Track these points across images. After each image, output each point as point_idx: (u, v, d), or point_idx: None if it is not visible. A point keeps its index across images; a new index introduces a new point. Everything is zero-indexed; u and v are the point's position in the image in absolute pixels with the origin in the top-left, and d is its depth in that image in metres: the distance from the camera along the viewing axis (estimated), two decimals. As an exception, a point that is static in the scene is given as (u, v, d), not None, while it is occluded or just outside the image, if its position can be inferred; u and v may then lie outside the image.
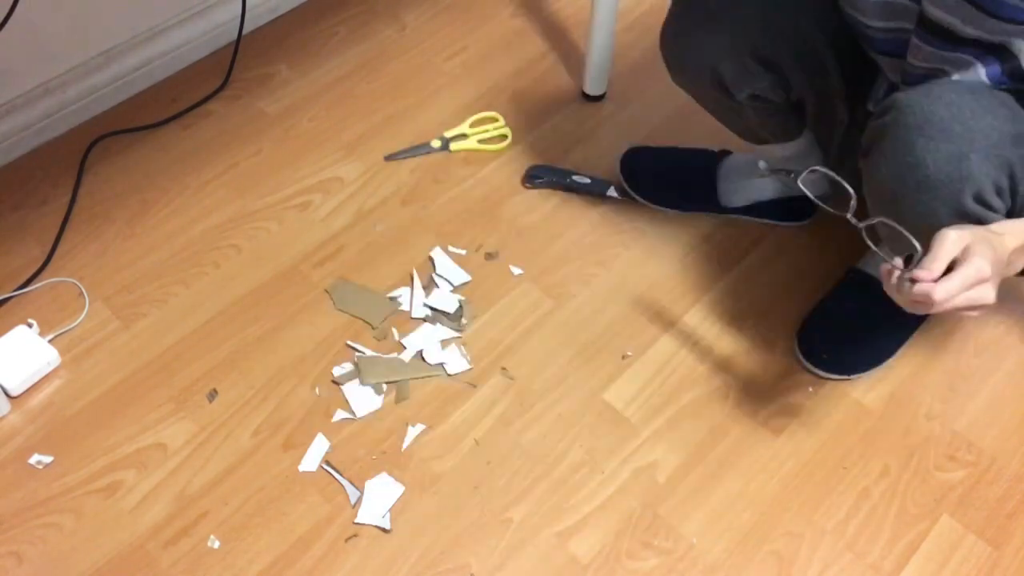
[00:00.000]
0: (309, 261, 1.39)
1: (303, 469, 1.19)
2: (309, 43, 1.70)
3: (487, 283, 1.37)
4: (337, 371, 1.27)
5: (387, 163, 1.51)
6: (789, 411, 1.25)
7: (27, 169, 1.49)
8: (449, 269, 1.38)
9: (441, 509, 1.16)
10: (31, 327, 1.29)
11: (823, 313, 1.31)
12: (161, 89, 1.61)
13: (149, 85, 1.61)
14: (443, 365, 1.28)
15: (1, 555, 1.11)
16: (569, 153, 1.53)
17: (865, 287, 1.28)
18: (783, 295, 1.18)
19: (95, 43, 1.52)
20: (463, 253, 1.40)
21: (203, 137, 1.55)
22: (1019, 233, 0.92)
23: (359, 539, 1.14)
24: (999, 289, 0.90)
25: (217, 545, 1.13)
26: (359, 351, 1.29)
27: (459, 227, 1.44)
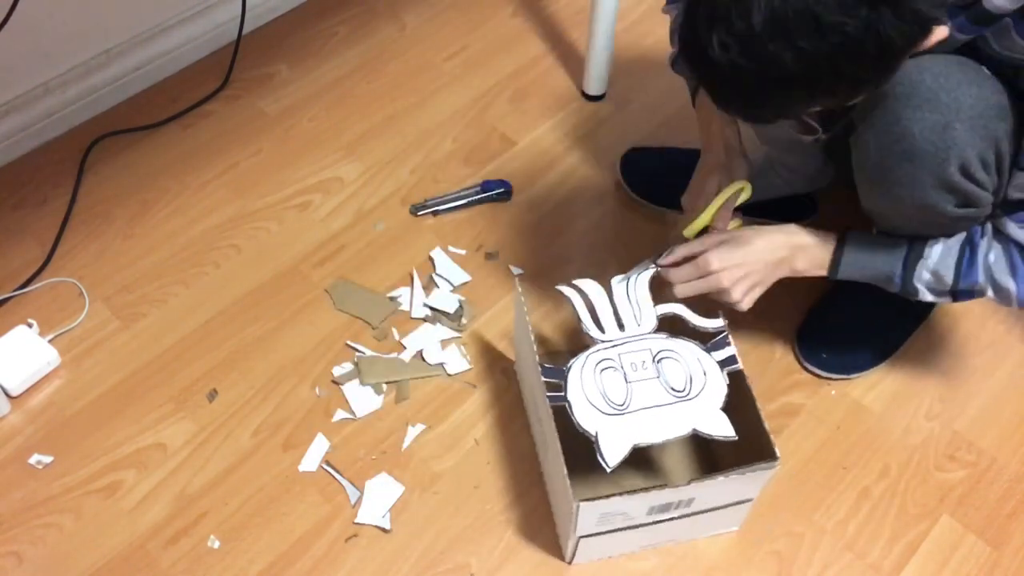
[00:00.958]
0: (309, 261, 1.39)
1: (303, 469, 1.19)
2: (309, 43, 1.70)
3: (487, 283, 1.37)
4: (337, 371, 1.27)
5: (387, 163, 1.51)
6: (789, 411, 1.25)
7: (27, 169, 1.49)
8: (449, 269, 1.38)
9: (441, 509, 1.16)
10: (31, 327, 1.29)
11: (823, 313, 1.31)
12: (161, 89, 1.61)
13: (149, 85, 1.61)
14: (443, 365, 1.28)
15: (1, 555, 1.11)
16: (569, 153, 1.53)
17: (865, 287, 1.27)
18: (783, 295, 1.17)
19: (95, 43, 1.52)
20: (463, 253, 1.40)
21: (203, 137, 1.55)
22: (777, 245, 1.11)
23: (359, 539, 1.13)
24: None
25: (217, 545, 1.13)
26: (359, 351, 1.29)
27: (459, 227, 1.43)
